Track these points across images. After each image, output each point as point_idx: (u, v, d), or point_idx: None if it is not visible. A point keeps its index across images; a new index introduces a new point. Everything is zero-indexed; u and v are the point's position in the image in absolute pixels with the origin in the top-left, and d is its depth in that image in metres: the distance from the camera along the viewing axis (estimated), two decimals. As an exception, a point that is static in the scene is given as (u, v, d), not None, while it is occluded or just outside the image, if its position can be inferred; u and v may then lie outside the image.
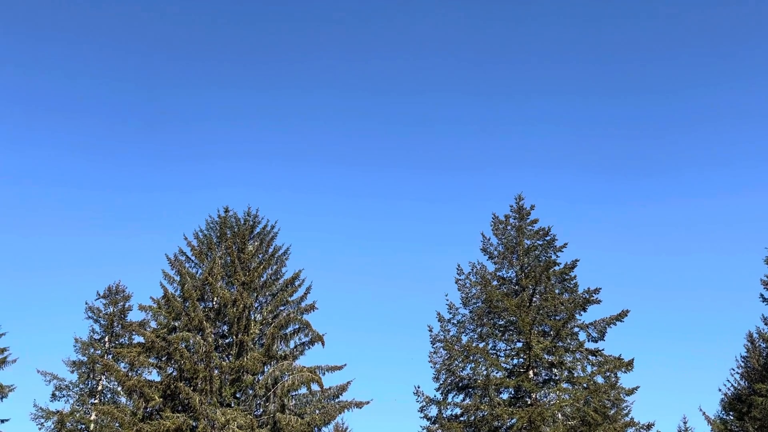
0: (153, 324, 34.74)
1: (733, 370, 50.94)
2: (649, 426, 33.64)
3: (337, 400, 34.47)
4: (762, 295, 40.72)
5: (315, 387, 34.16)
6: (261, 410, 33.69)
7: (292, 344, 35.47)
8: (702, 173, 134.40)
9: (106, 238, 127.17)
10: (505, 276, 37.05)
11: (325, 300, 70.53)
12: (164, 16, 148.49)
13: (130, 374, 32.91)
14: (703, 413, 55.99)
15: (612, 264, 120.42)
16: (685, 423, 59.10)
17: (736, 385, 49.01)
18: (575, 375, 33.16)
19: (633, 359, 32.50)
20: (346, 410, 34.00)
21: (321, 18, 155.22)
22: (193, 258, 36.53)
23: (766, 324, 40.43)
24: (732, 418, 47.73)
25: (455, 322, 35.96)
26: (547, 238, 36.78)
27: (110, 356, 43.45)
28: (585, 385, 32.25)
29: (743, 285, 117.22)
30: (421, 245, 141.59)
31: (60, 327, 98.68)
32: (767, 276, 40.86)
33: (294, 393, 34.16)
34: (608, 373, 32.71)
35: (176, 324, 33.96)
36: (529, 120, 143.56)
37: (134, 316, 46.51)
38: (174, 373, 32.62)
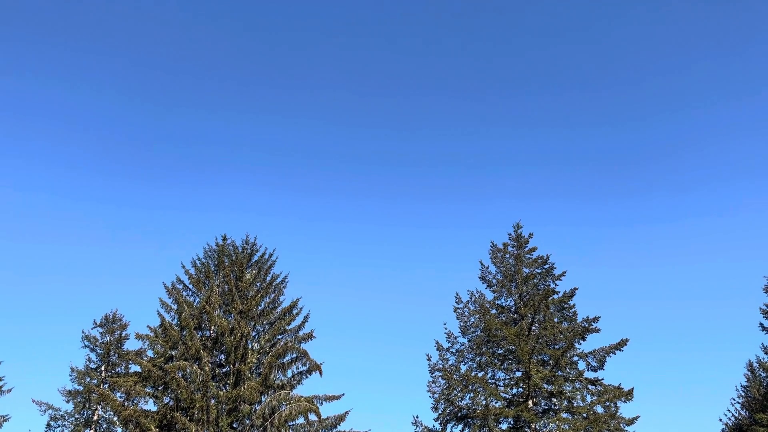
0: (150, 353, 34.56)
1: (734, 399, 50.69)
2: (650, 456, 33.33)
3: (335, 431, 34.13)
4: (761, 324, 40.63)
5: (312, 417, 33.84)
6: (258, 440, 33.35)
7: (289, 373, 35.22)
8: (704, 197, 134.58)
9: (103, 266, 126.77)
10: (503, 304, 36.96)
11: (323, 328, 70.17)
12: (168, 30, 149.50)
13: (126, 404, 32.59)
14: (705, 444, 55.59)
15: (611, 291, 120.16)
16: (686, 453, 58.66)
17: (736, 414, 48.71)
18: (575, 404, 32.91)
19: (633, 389, 32.32)
20: (344, 440, 33.67)
21: (320, 40, 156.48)
22: (190, 286, 36.40)
23: (766, 353, 40.29)
24: (733, 448, 47.39)
25: (454, 351, 35.80)
26: (546, 266, 36.76)
27: (106, 385, 43.08)
28: (585, 414, 31.99)
29: (743, 314, 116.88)
30: (420, 273, 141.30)
31: (56, 356, 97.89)
32: (767, 305, 40.83)
33: (291, 423, 33.82)
34: (608, 403, 32.47)
35: (173, 353, 33.74)
36: (527, 149, 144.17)
37: (131, 344, 46.26)
38: (170, 403, 32.33)
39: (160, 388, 33.04)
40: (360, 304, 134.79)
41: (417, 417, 34.09)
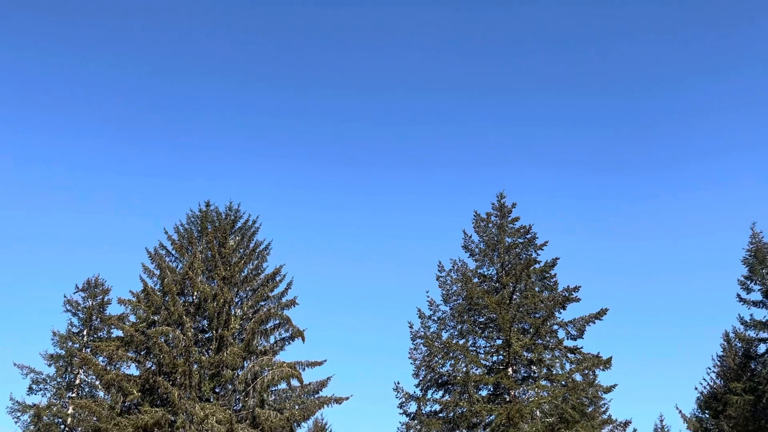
0: (132, 318, 34.55)
1: (710, 369, 51.56)
2: (626, 424, 34.00)
3: (316, 396, 34.47)
4: (739, 296, 41.26)
5: (295, 382, 34.13)
6: (240, 405, 33.61)
7: (272, 339, 35.42)
8: (682, 173, 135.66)
9: (85, 230, 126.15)
10: (485, 273, 37.19)
11: (306, 295, 70.47)
12: (159, 12, 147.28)
13: (108, 368, 32.67)
14: (680, 411, 56.59)
15: (592, 262, 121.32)
16: (661, 421, 59.74)
17: (712, 384, 49.60)
18: (554, 372, 33.35)
19: (611, 357, 32.76)
20: (325, 406, 34.03)
21: (309, 15, 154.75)
22: (173, 252, 36.32)
23: (742, 324, 40.92)
24: (707, 416, 48.35)
25: (436, 318, 36.05)
26: (528, 236, 36.94)
27: (88, 350, 43.11)
28: (563, 382, 32.44)
29: (721, 285, 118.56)
30: (403, 241, 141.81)
31: (38, 320, 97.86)
32: (744, 276, 41.40)
33: (274, 388, 34.11)
34: (586, 371, 32.93)
35: (156, 318, 33.77)
36: (513, 118, 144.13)
37: (113, 309, 46.19)
38: (153, 368, 32.44)
39: (142, 353, 33.12)
40: (343, 272, 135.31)
41: (398, 383, 34.45)
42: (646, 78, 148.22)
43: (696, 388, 60.81)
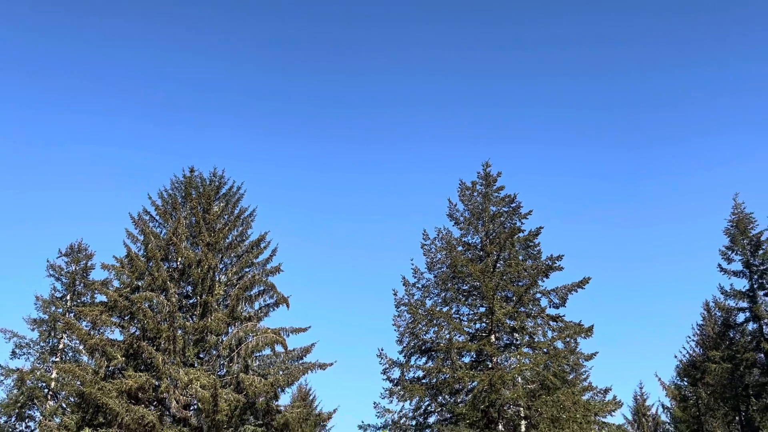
0: (116, 283, 34.44)
1: (689, 337, 52.36)
2: (607, 390, 34.46)
3: (300, 362, 34.60)
4: (720, 266, 41.72)
5: (279, 348, 34.26)
6: (224, 370, 33.73)
7: (256, 306, 35.43)
8: (665, 147, 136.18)
9: (68, 195, 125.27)
10: (470, 242, 37.33)
11: (291, 262, 70.41)
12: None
13: (92, 333, 32.60)
14: (659, 379, 57.60)
15: (575, 231, 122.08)
16: (641, 388, 60.74)
17: (691, 352, 50.37)
18: (536, 340, 33.70)
19: (593, 326, 33.12)
20: (309, 371, 34.18)
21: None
22: (157, 217, 36.10)
23: (722, 293, 41.43)
24: (686, 383, 49.19)
25: (420, 286, 36.24)
26: (513, 205, 37.05)
27: (72, 314, 43.04)
28: (545, 349, 32.79)
29: (702, 255, 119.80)
30: (388, 210, 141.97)
31: (20, 284, 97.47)
32: (726, 247, 41.82)
33: (258, 354, 34.21)
34: (568, 339, 33.29)
35: (139, 283, 33.68)
36: (498, 94, 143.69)
37: (97, 274, 45.95)
38: (137, 333, 32.43)
39: (126, 318, 33.07)
40: (327, 240, 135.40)
41: (382, 350, 34.72)
42: (646, 58, 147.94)
43: (676, 357, 61.75)
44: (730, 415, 44.06)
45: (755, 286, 40.36)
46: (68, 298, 45.21)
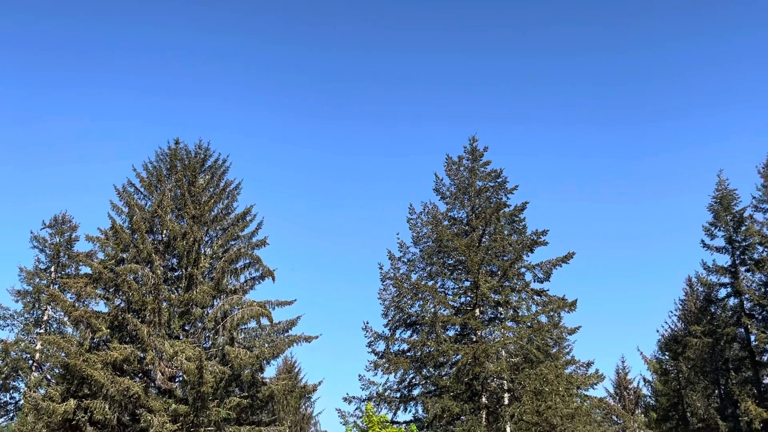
0: (100, 255, 34.26)
1: (672, 312, 52.87)
2: (589, 364, 34.86)
3: (286, 335, 34.69)
4: (703, 242, 42.07)
5: (264, 321, 34.29)
6: (210, 343, 33.78)
7: (242, 279, 35.41)
8: (651, 124, 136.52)
9: (52, 167, 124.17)
10: (456, 216, 37.40)
11: (277, 235, 70.38)
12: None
13: (76, 305, 32.48)
14: (641, 353, 58.24)
15: (560, 206, 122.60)
16: (623, 362, 61.42)
17: (673, 327, 50.93)
18: (520, 314, 33.97)
19: (576, 300, 33.43)
20: (294, 344, 34.30)
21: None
22: (142, 189, 35.85)
23: (705, 269, 41.82)
24: (667, 357, 49.78)
25: (405, 260, 36.34)
26: (499, 179, 37.10)
27: (56, 286, 42.89)
28: (529, 323, 33.07)
29: (686, 232, 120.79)
30: (374, 185, 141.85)
31: (4, 256, 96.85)
32: (709, 223, 42.15)
33: (243, 326, 34.26)
34: (552, 313, 33.59)
35: (124, 256, 33.53)
36: (484, 69, 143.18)
37: (81, 246, 45.73)
38: (122, 305, 32.35)
39: (111, 290, 32.95)
40: (314, 214, 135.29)
41: (367, 323, 34.91)
42: (635, 30, 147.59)
43: (657, 331, 62.43)
44: (709, 388, 44.71)
45: (737, 261, 40.76)
46: (52, 269, 45.01)
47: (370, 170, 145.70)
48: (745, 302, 40.10)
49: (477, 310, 34.04)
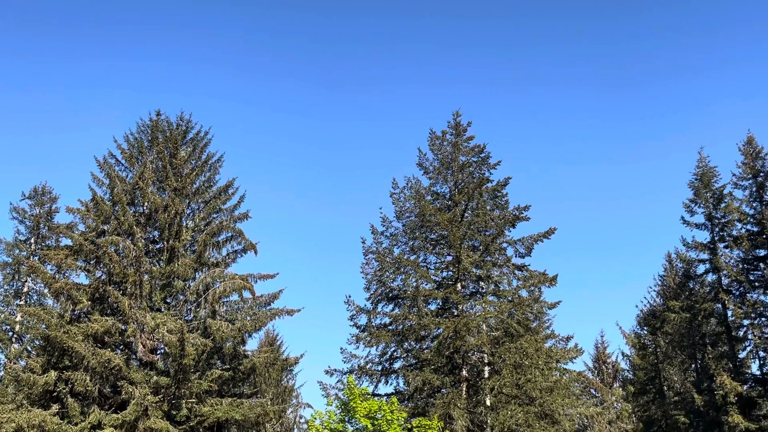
0: (81, 227, 34.00)
1: (651, 288, 53.53)
2: (568, 338, 35.26)
3: (268, 308, 34.78)
4: (683, 218, 42.47)
5: (246, 294, 34.33)
6: (192, 316, 33.80)
7: (224, 252, 35.37)
8: (633, 94, 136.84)
9: (32, 137, 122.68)
10: (439, 191, 37.47)
11: (259, 209, 70.11)
12: None
13: (57, 276, 32.33)
14: (620, 328, 58.97)
15: (543, 181, 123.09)
16: (602, 337, 62.26)
17: (652, 302, 51.56)
18: (501, 288, 34.21)
19: (557, 275, 33.70)
20: (277, 317, 34.40)
21: None
22: (123, 161, 35.56)
23: (684, 245, 42.26)
24: (646, 332, 50.45)
25: (388, 234, 36.43)
26: (482, 155, 37.13)
27: (36, 258, 42.61)
28: (510, 298, 33.33)
29: (667, 208, 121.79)
30: (357, 158, 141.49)
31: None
32: (689, 200, 42.52)
33: (225, 299, 34.29)
34: (533, 288, 33.85)
35: (105, 228, 33.35)
36: (468, 39, 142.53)
37: (61, 218, 45.31)
38: (103, 277, 32.23)
39: (92, 262, 32.82)
40: (297, 187, 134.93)
41: (349, 296, 35.02)
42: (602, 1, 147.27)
43: (636, 306, 63.28)
44: (686, 362, 45.42)
45: (716, 238, 41.20)
46: (32, 241, 44.67)
47: (354, 144, 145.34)
48: (723, 278, 40.63)
49: (459, 285, 34.25)
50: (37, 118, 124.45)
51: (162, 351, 32.29)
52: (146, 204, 34.13)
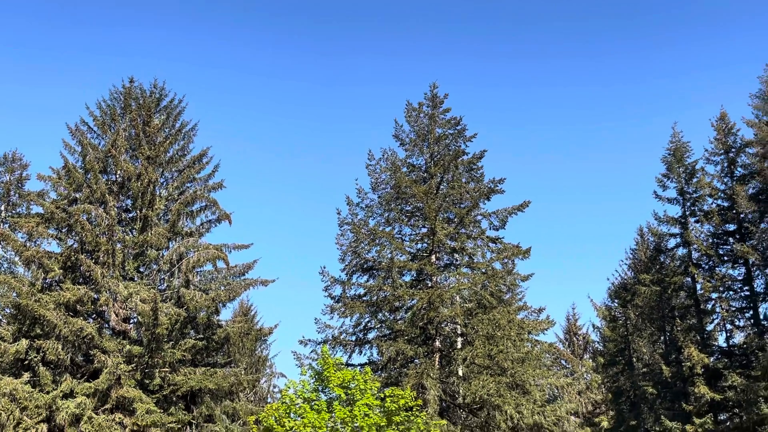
0: (52, 195, 33.63)
1: (622, 261, 54.18)
2: (540, 310, 35.69)
3: (242, 278, 34.75)
4: (655, 193, 42.92)
5: (221, 264, 34.29)
6: (165, 285, 33.67)
7: (198, 221, 35.22)
8: (608, 66, 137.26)
9: (0, 104, 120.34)
10: (414, 163, 37.48)
11: (234, 179, 69.67)
12: None
13: (28, 244, 31.97)
14: (591, 300, 59.86)
15: (518, 155, 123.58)
16: (573, 309, 63.18)
17: (623, 275, 52.24)
18: (475, 260, 34.45)
19: (530, 248, 33.97)
20: (251, 288, 34.40)
21: None
22: (95, 129, 35.08)
23: (656, 219, 42.73)
24: (616, 305, 51.20)
25: (364, 206, 36.42)
26: (458, 127, 37.12)
27: (7, 225, 42.02)
28: (483, 270, 33.57)
29: (639, 182, 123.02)
30: (333, 130, 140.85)
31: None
32: (662, 174, 42.94)
33: (199, 269, 34.20)
34: (506, 260, 34.12)
35: (77, 196, 32.97)
36: (445, 11, 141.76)
37: (32, 185, 44.62)
38: (75, 246, 31.93)
39: (63, 231, 32.48)
40: (272, 158, 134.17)
41: (324, 267, 35.04)
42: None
43: (608, 279, 64.11)
44: (655, 335, 46.20)
45: (687, 213, 41.71)
46: (2, 208, 44.02)
47: (330, 114, 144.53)
48: (693, 252, 41.21)
49: (433, 257, 34.42)
50: (6, 83, 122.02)
51: (135, 320, 32.19)
52: (119, 172, 33.77)
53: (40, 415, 27.76)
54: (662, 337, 44.94)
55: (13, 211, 43.58)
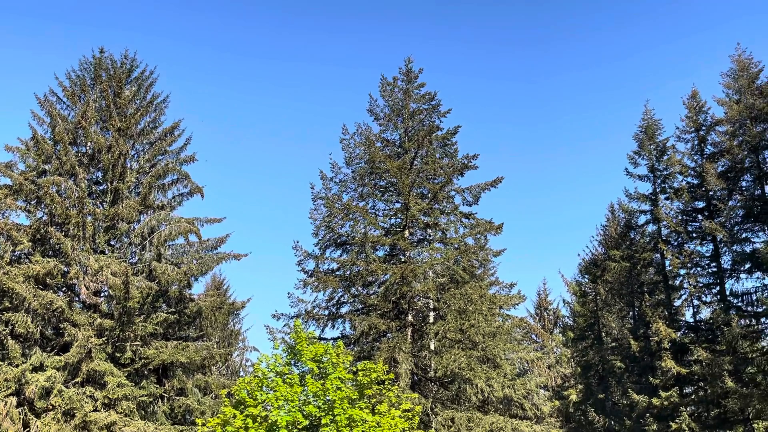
0: (21, 166, 33.03)
1: (593, 237, 54.86)
2: (512, 285, 36.00)
3: (215, 252, 34.62)
4: (627, 170, 43.34)
5: (193, 238, 34.12)
6: (136, 258, 33.44)
7: (170, 195, 34.92)
8: (581, 46, 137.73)
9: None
10: (389, 138, 37.41)
11: (207, 152, 69.03)
12: None
13: (-5, 217, 31.49)
14: (562, 276, 60.54)
15: (492, 131, 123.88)
16: (544, 284, 63.86)
17: (594, 251, 52.89)
18: (448, 236, 34.62)
19: (503, 224, 34.18)
20: (224, 261, 34.29)
21: None
22: (64, 99, 34.49)
23: (627, 196, 43.20)
24: (587, 280, 51.87)
25: (337, 181, 36.33)
26: (433, 102, 37.09)
27: (-26, 198, 41.30)
28: (456, 245, 33.76)
29: (611, 159, 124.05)
30: (307, 103, 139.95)
31: None
32: (634, 152, 43.35)
33: (171, 243, 33.98)
34: (479, 236, 34.34)
35: (46, 167, 32.50)
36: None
37: (0, 156, 43.89)
38: (44, 218, 31.52)
39: (32, 203, 32.00)
40: (246, 132, 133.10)
41: (297, 242, 34.96)
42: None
43: (579, 255, 64.89)
44: (624, 310, 46.92)
45: (658, 190, 42.19)
46: (-31, 180, 43.21)
47: (304, 88, 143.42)
48: (662, 229, 41.76)
49: (406, 232, 34.52)
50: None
51: (106, 293, 31.97)
52: (89, 144, 33.32)
53: (9, 389, 27.54)
54: (631, 312, 45.65)
55: (-20, 183, 42.82)
